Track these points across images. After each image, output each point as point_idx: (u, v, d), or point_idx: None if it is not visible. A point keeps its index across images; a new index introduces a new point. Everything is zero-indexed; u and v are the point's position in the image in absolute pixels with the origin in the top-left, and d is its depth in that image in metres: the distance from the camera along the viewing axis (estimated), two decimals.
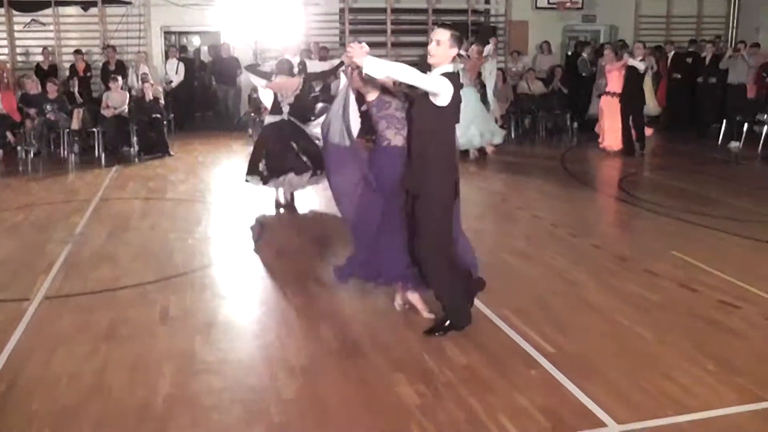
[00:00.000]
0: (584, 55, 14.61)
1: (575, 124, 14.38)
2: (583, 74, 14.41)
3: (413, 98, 4.58)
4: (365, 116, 5.10)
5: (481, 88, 12.07)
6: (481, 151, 11.45)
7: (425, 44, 13.35)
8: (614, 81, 11.89)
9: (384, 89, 4.82)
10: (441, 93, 4.32)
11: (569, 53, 15.77)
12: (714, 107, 13.96)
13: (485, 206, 8.63)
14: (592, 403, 3.84)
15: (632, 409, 3.80)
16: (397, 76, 4.36)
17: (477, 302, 5.19)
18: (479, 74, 11.92)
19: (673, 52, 14.89)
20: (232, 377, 4.20)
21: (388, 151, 4.84)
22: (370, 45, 4.47)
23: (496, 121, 12.72)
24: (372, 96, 4.84)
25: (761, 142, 12.09)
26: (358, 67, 4.42)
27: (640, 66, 11.71)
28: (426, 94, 4.36)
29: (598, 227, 7.67)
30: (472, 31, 15.48)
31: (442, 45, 4.40)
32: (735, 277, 5.81)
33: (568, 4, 15.69)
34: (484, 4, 16.14)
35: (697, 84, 14.54)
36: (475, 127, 11.11)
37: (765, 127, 12.08)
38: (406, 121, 4.72)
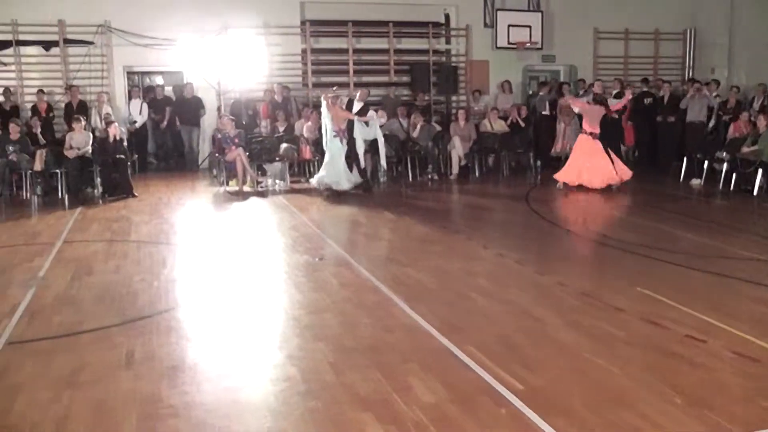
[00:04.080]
0: (542, 93, 14.88)
1: (538, 163, 14.56)
2: (542, 113, 14.69)
3: None
4: None
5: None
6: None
7: (387, 84, 13.89)
8: (593, 120, 11.99)
9: None
10: None
11: (531, 92, 16.05)
12: (674, 146, 14.30)
13: (448, 244, 8.64)
14: None
15: None
16: None
17: (442, 339, 5.27)
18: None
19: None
20: (198, 421, 4.13)
21: None
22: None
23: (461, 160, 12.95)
24: None
25: (721, 179, 12.33)
26: None
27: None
28: None
29: (563, 264, 7.71)
30: (433, 71, 15.69)
31: None
32: (700, 312, 5.87)
33: (528, 45, 15.97)
34: (445, 44, 16.37)
35: (657, 123, 14.85)
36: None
37: (724, 165, 12.27)
38: None
